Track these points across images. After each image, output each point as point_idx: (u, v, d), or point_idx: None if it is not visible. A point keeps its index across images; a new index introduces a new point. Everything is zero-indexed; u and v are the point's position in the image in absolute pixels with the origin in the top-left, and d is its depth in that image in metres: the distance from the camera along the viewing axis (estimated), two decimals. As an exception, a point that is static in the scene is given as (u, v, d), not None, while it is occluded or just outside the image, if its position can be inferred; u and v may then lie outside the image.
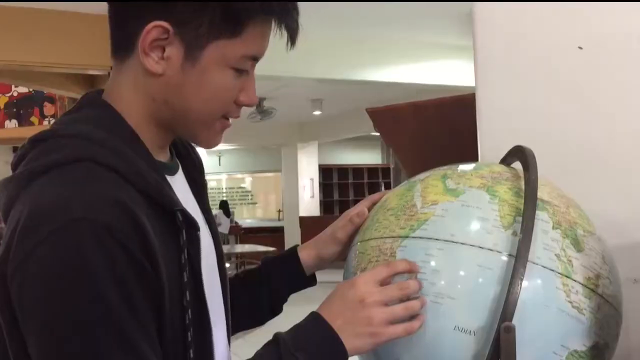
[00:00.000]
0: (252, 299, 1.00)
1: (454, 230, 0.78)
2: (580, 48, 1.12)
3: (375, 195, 0.98)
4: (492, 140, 1.25)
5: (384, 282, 0.79)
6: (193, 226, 0.74)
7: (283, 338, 0.75)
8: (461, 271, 0.77)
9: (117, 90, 0.77)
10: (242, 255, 8.60)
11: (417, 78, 6.60)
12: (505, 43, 1.22)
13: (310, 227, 11.05)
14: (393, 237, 0.82)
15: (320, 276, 1.04)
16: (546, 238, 0.78)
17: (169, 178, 0.78)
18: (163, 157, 0.82)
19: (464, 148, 1.33)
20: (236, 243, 10.57)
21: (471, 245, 0.77)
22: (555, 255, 0.77)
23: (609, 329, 0.80)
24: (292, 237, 11.27)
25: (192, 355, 0.71)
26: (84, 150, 0.69)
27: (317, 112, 9.39)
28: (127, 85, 0.76)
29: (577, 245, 0.79)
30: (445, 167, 0.90)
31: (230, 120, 0.81)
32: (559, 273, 0.76)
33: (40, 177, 0.68)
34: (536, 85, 1.19)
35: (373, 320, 0.76)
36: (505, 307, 0.72)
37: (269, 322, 1.04)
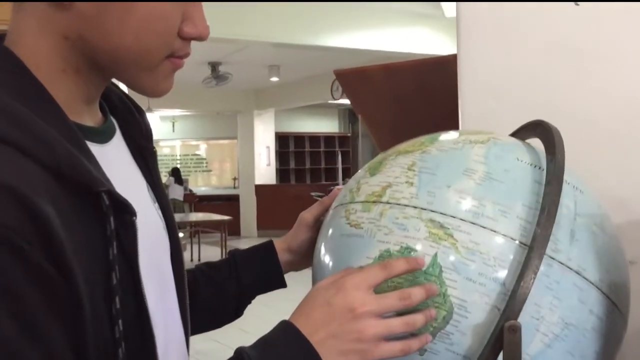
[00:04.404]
0: (215, 298, 0.86)
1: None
2: (577, 4, 1.01)
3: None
4: (475, 106, 1.14)
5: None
6: (125, 210, 0.58)
7: (248, 355, 0.61)
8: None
9: (18, 33, 0.59)
10: (197, 224, 8.42)
11: (380, 45, 6.47)
12: (492, -2, 1.10)
13: (266, 195, 10.99)
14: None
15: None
16: (352, 180, 0.77)
17: (96, 147, 0.62)
18: (90, 118, 0.64)
19: (442, 115, 1.21)
20: (190, 211, 10.37)
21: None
22: (349, 191, 0.76)
23: (403, 233, 0.67)
24: (247, 206, 11.19)
25: None
26: None
27: (274, 79, 9.23)
28: (30, 25, 0.59)
29: (375, 170, 0.74)
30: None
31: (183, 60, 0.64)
32: (345, 204, 0.75)
33: None
34: (525, 45, 1.08)
35: (364, 335, 0.63)
36: (511, 304, 0.61)
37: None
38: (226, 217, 7.98)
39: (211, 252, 8.59)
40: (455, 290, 0.64)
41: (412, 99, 1.32)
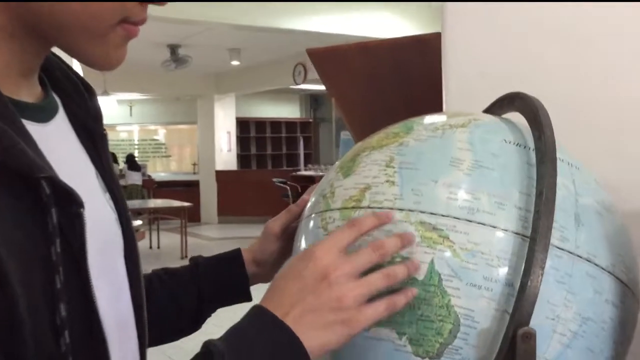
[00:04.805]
0: (171, 308, 0.77)
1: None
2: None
3: (317, 185, 0.79)
4: (460, 86, 1.06)
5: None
6: (70, 200, 0.49)
7: (218, 348, 0.54)
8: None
9: None
10: (156, 210, 8.23)
11: (342, 29, 6.38)
12: (480, -28, 1.03)
13: (226, 181, 10.85)
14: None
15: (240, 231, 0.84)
16: (323, 183, 0.69)
17: (35, 126, 0.52)
18: (27, 93, 0.55)
19: (424, 98, 1.14)
20: (149, 197, 10.16)
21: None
22: (322, 197, 0.68)
23: None
24: (208, 192, 11.04)
25: None
26: None
27: (235, 62, 9.06)
28: None
29: (349, 170, 0.66)
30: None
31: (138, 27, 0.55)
32: (320, 213, 0.67)
33: None
34: (515, 22, 1.01)
35: (344, 302, 0.56)
36: (520, 307, 0.54)
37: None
38: (186, 204, 7.83)
39: (171, 239, 8.44)
40: (459, 300, 0.56)
41: (389, 80, 1.24)
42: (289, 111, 13.51)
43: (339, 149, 9.33)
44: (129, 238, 0.62)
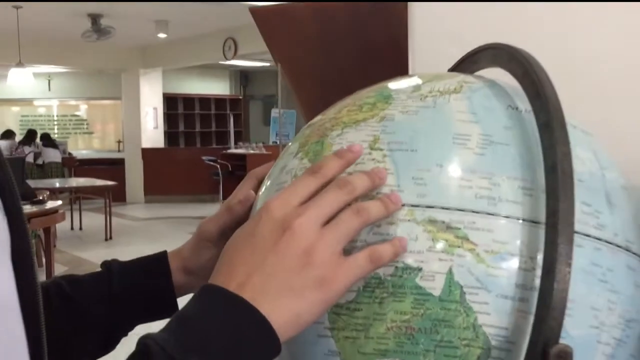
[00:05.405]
0: (72, 328, 0.61)
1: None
2: None
3: (260, 169, 0.63)
4: (429, 54, 0.94)
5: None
6: None
7: (157, 343, 0.40)
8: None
9: None
10: (78, 189, 7.83)
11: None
12: None
13: (153, 159, 10.51)
14: None
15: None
16: (280, 173, 0.54)
17: None
18: None
19: (387, 66, 1.02)
20: (70, 176, 9.68)
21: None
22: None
23: None
24: (133, 170, 10.67)
25: None
26: None
27: (162, 35, 8.71)
28: None
29: (316, 154, 0.53)
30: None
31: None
32: None
33: None
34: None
35: (314, 253, 0.44)
36: (546, 317, 0.42)
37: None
38: (110, 183, 7.51)
39: (94, 220, 8.10)
40: (488, 317, 0.43)
41: (345, 43, 1.11)
42: (218, 87, 13.23)
43: (269, 127, 9.17)
44: (19, 232, 0.44)
